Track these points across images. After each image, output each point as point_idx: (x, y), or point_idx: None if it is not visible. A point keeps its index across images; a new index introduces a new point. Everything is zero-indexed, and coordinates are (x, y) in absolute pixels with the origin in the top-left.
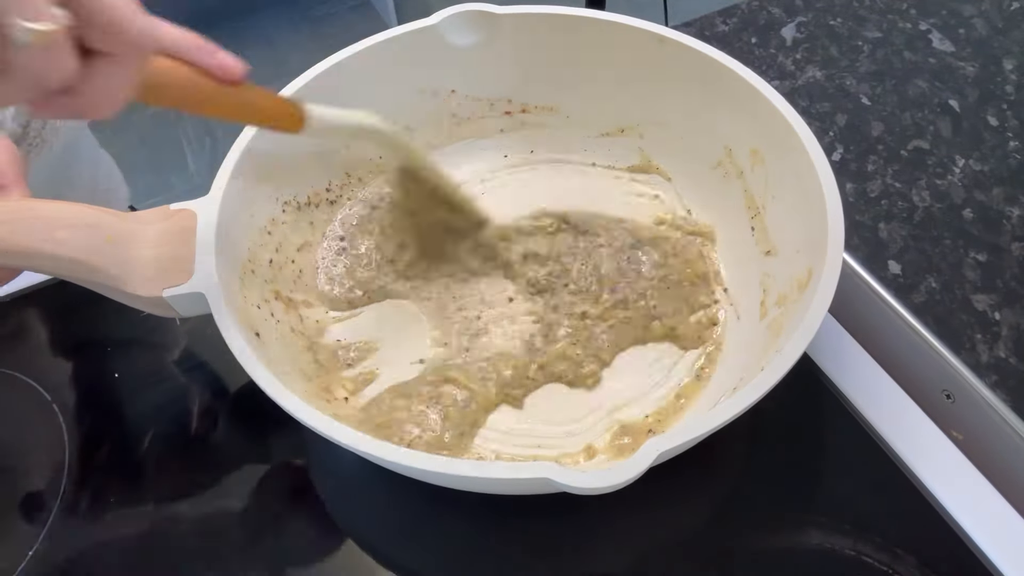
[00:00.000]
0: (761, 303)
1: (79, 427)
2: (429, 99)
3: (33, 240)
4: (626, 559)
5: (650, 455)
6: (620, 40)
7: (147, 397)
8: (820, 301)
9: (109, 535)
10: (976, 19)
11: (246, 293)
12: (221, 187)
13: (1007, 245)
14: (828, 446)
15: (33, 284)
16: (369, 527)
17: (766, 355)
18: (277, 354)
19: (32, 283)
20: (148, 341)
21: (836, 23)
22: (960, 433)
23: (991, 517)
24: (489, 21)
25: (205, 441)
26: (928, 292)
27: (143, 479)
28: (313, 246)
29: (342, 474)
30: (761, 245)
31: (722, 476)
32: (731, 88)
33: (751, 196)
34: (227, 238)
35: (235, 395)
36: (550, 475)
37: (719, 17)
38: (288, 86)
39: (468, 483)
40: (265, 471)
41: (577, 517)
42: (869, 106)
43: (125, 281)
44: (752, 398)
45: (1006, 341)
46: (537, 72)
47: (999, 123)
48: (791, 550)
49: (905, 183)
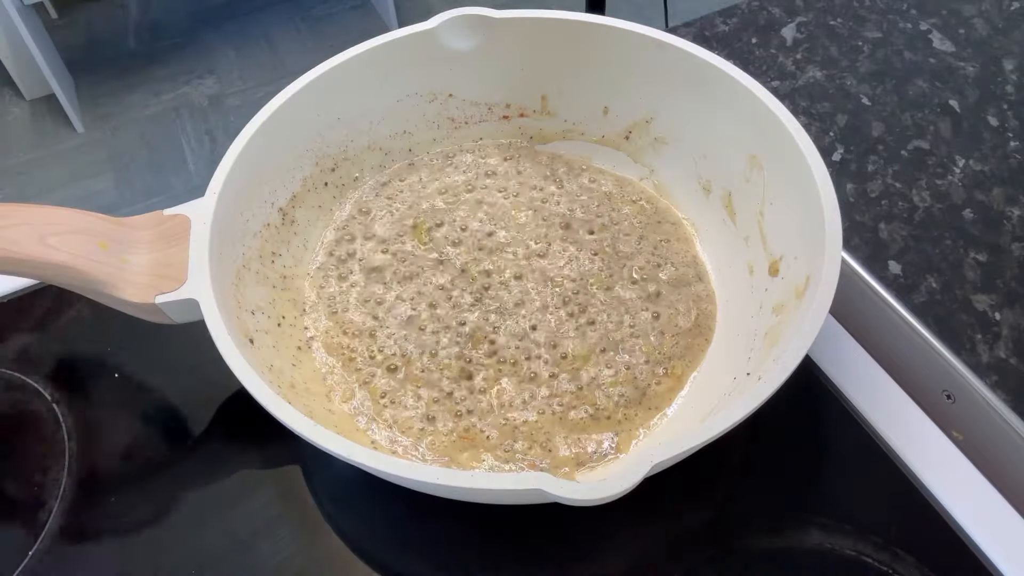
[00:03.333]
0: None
1: (79, 427)
2: (427, 103)
3: (23, 246)
4: (625, 560)
5: (644, 467)
6: (619, 45)
7: (147, 398)
8: (817, 312)
9: (109, 536)
10: (976, 19)
11: (240, 299)
12: (216, 191)
13: (1007, 245)
14: (828, 446)
15: (33, 284)
16: (363, 534)
17: (763, 364)
18: (272, 360)
19: (32, 283)
20: (148, 341)
21: (836, 23)
22: (960, 433)
23: (991, 517)
24: (487, 25)
25: (205, 442)
26: (928, 292)
27: (143, 479)
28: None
29: (336, 480)
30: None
31: (722, 476)
32: (730, 93)
33: (750, 202)
34: (221, 243)
35: (234, 396)
36: (543, 486)
37: (719, 17)
38: (285, 89)
39: (460, 493)
40: (260, 475)
41: (575, 518)
42: (869, 106)
43: (117, 287)
44: (747, 409)
45: (1006, 341)
46: (535, 76)
47: (999, 123)
48: (791, 550)
49: (905, 183)
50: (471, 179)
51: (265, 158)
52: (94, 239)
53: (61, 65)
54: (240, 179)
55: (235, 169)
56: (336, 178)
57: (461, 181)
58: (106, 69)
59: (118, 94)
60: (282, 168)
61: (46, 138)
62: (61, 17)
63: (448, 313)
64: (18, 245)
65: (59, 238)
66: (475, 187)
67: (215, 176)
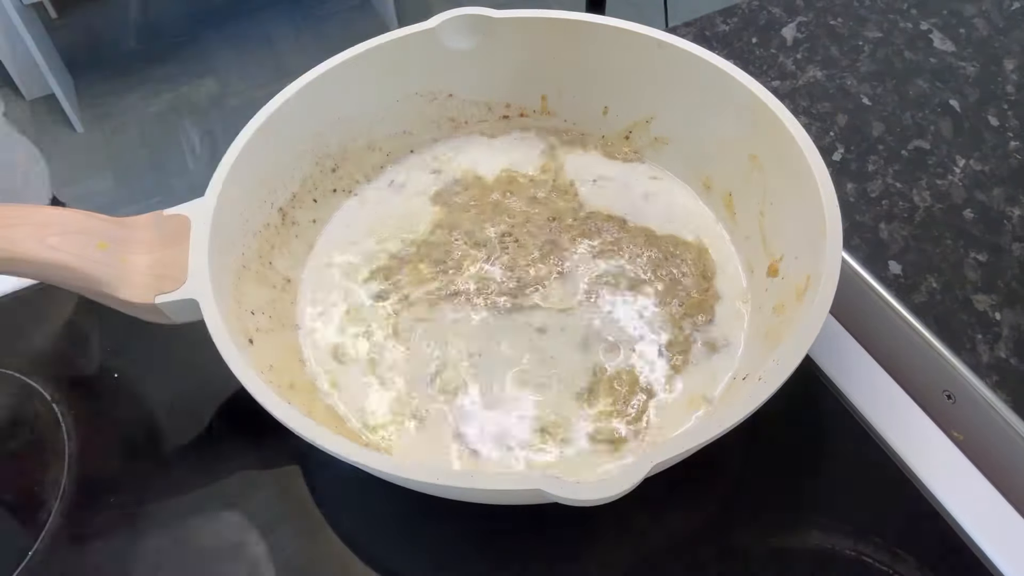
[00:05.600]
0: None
1: (79, 427)
2: (427, 103)
3: (23, 246)
4: (625, 560)
5: (644, 468)
6: (618, 44)
7: (147, 398)
8: (817, 312)
9: (109, 536)
10: (977, 19)
11: (240, 299)
12: (216, 191)
13: (1008, 245)
14: (828, 446)
15: (33, 284)
16: (363, 534)
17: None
18: (272, 360)
19: (32, 283)
20: (148, 341)
21: (837, 23)
22: (960, 433)
23: (991, 517)
24: (487, 25)
25: (205, 442)
26: (929, 292)
27: (143, 479)
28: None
29: (336, 480)
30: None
31: (722, 476)
32: (730, 93)
33: (751, 201)
34: (221, 243)
35: (234, 396)
36: (542, 487)
37: (719, 17)
38: (285, 89)
39: (460, 494)
40: (260, 475)
41: (575, 518)
42: (870, 106)
43: (117, 288)
44: (748, 409)
45: (1007, 341)
46: (535, 76)
47: (1000, 123)
48: (791, 550)
49: (906, 183)
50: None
51: (265, 158)
52: (94, 239)
53: (61, 65)
54: (240, 179)
55: (235, 169)
56: (336, 178)
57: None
58: (106, 69)
59: (118, 94)
60: (282, 168)
61: (46, 138)
62: (61, 17)
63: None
64: (18, 245)
65: (59, 238)
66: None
67: (215, 176)
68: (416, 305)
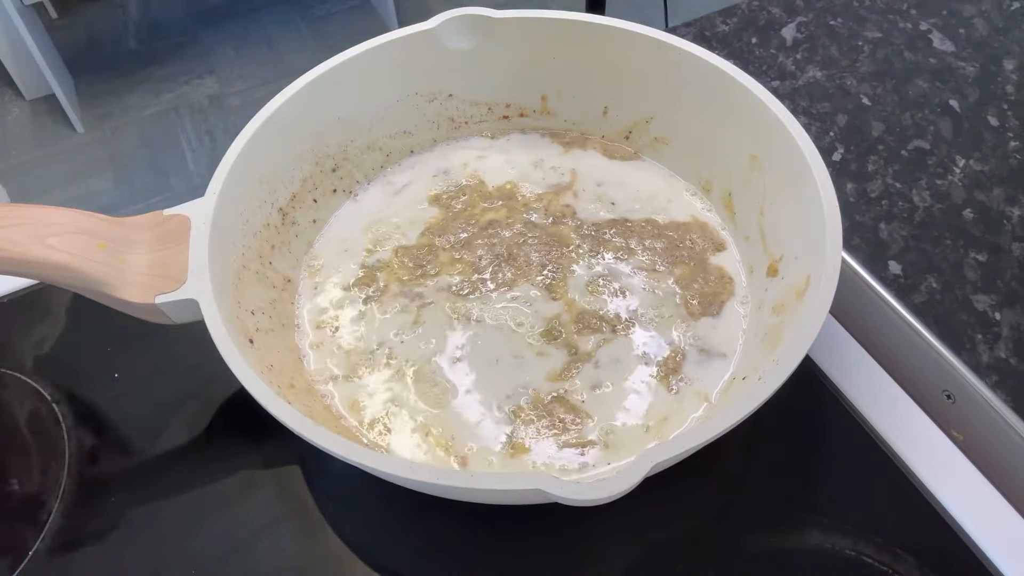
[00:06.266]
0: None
1: (79, 427)
2: (427, 103)
3: (23, 246)
4: (625, 560)
5: (644, 467)
6: (619, 45)
7: (147, 398)
8: (817, 312)
9: (109, 536)
10: (977, 19)
11: (240, 299)
12: (216, 191)
13: (1007, 245)
14: (828, 446)
15: (32, 284)
16: (362, 533)
17: (763, 364)
18: (272, 360)
19: (32, 283)
20: (148, 341)
21: (836, 23)
22: (960, 433)
23: (991, 517)
24: (487, 25)
25: (205, 442)
26: (928, 292)
27: (143, 479)
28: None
29: (336, 480)
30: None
31: (722, 476)
32: (730, 93)
33: (751, 201)
34: (221, 243)
35: (234, 396)
36: (543, 487)
37: (719, 17)
38: (285, 89)
39: (460, 493)
40: (260, 475)
41: (575, 518)
42: (869, 106)
43: (117, 288)
44: (748, 409)
45: (1007, 341)
46: (535, 76)
47: (999, 123)
48: (791, 550)
49: (905, 183)
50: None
51: (265, 158)
52: (94, 239)
53: (61, 65)
54: (240, 179)
55: (235, 169)
56: (336, 178)
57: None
58: (106, 69)
59: (118, 94)
60: (282, 168)
61: (46, 138)
62: (61, 17)
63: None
64: (18, 245)
65: (59, 238)
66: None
67: (215, 176)
68: (415, 304)
